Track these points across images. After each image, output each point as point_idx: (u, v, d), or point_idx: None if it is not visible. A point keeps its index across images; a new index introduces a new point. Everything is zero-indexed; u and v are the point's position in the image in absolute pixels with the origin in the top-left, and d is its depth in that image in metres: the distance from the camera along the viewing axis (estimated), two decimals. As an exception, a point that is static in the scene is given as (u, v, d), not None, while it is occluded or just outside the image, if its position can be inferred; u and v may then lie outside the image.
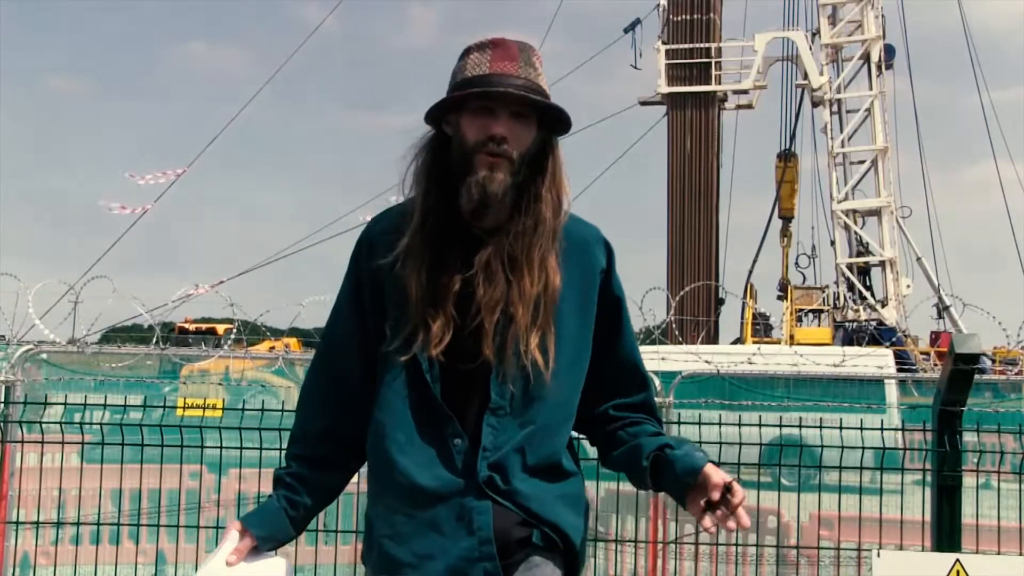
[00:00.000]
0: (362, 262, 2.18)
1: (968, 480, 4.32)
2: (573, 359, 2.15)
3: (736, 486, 1.98)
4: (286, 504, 2.18)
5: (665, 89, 29.88)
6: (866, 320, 26.68)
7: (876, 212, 27.95)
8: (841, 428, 4.51)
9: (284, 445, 4.70)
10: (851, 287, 27.53)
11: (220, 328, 22.96)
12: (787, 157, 29.41)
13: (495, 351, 2.06)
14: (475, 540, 2.02)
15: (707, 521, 1.99)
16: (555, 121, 2.15)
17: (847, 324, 26.91)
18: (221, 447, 4.72)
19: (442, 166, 2.13)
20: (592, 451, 2.38)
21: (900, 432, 5.18)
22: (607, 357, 2.22)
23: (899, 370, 16.66)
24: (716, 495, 1.97)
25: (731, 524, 1.97)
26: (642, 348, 2.37)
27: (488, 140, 2.07)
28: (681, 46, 29.86)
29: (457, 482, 2.04)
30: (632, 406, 2.25)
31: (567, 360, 2.12)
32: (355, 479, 2.31)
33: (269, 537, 2.15)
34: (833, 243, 28.29)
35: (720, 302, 28.42)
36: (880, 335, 23.31)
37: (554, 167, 2.16)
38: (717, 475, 1.99)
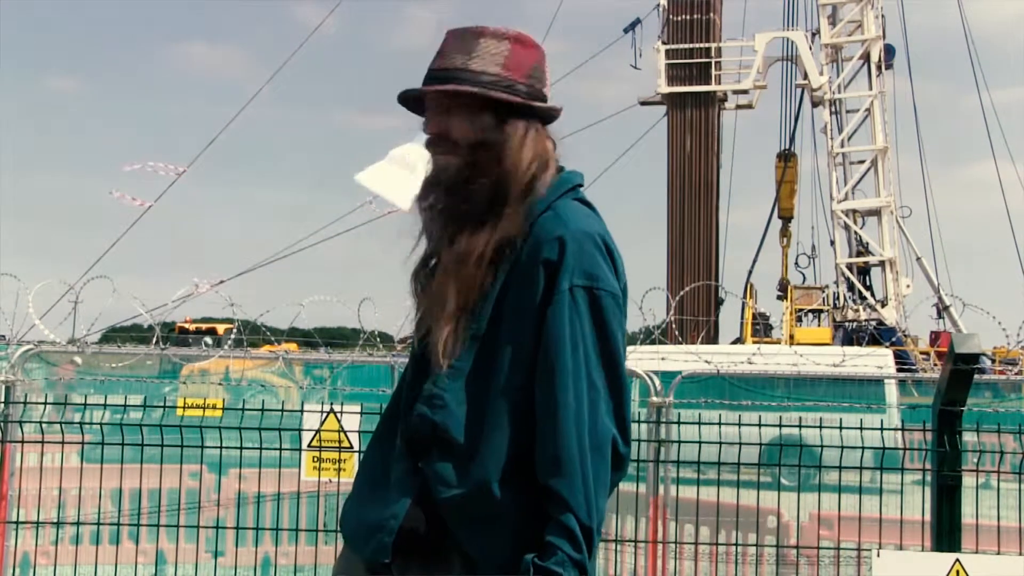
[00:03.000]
0: None
1: (968, 480, 4.32)
2: (504, 378, 1.96)
3: None
4: None
5: (665, 89, 29.85)
6: (866, 320, 26.67)
7: (876, 212, 27.93)
8: (841, 428, 4.50)
9: (284, 445, 4.72)
10: (851, 287, 27.52)
11: (220, 328, 22.94)
12: (787, 157, 29.39)
13: (422, 344, 2.07)
14: (387, 513, 2.02)
15: None
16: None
17: (847, 324, 26.91)
18: (221, 447, 4.72)
19: None
20: None
21: (900, 432, 5.18)
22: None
23: (899, 370, 16.65)
24: None
25: None
26: (642, 348, 2.31)
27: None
28: (681, 46, 29.84)
29: (398, 456, 2.07)
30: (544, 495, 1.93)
31: (483, 372, 1.98)
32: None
33: None
34: (833, 243, 28.29)
35: (720, 302, 28.41)
36: (880, 335, 23.31)
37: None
38: None
